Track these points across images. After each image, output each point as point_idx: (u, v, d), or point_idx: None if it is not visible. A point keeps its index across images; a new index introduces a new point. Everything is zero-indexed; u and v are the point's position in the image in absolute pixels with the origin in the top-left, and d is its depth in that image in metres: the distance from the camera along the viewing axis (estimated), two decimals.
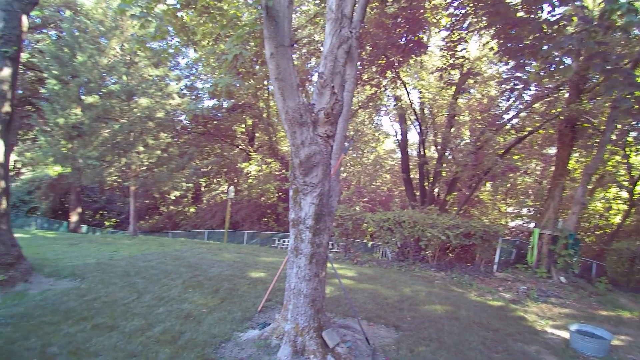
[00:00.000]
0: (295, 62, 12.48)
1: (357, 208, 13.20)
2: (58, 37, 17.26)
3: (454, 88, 15.49)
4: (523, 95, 9.82)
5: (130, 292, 5.26)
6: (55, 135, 14.70)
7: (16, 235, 6.25)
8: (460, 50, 10.85)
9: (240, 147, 25.94)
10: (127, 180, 15.49)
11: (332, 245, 11.79)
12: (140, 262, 7.48)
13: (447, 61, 11.04)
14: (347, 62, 3.61)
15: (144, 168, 15.26)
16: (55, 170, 19.68)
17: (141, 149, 14.47)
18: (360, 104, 16.79)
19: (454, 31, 10.07)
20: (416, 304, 6.00)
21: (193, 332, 3.92)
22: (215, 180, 28.04)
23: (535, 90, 12.06)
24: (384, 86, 13.90)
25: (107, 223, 24.80)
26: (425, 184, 18.56)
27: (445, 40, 10.60)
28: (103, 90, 14.41)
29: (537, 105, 13.84)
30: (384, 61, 11.34)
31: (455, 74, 14.15)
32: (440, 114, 19.00)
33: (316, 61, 15.75)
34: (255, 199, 21.25)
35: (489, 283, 8.36)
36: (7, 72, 5.42)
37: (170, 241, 13.07)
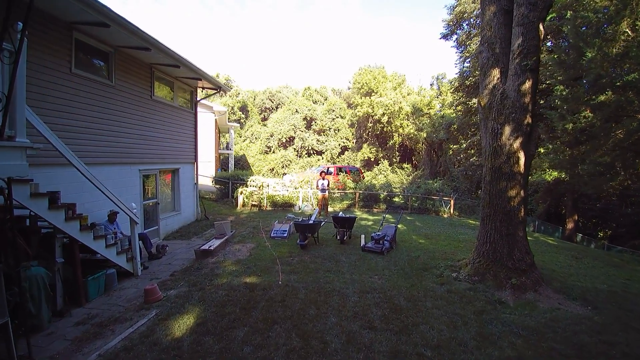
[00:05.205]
0: None
1: None
2: (566, 42, 17.07)
3: None
4: None
5: None
6: (559, 142, 14.74)
7: None
8: None
9: None
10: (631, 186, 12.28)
11: None
12: None
13: None
14: None
15: None
16: (551, 175, 20.06)
17: None
18: None
19: None
20: None
21: None
22: None
23: None
24: None
25: (600, 234, 21.59)
26: None
27: None
28: (617, 84, 12.21)
29: None
30: None
31: None
32: None
33: None
34: None
35: None
36: (527, 84, 5.58)
37: None
